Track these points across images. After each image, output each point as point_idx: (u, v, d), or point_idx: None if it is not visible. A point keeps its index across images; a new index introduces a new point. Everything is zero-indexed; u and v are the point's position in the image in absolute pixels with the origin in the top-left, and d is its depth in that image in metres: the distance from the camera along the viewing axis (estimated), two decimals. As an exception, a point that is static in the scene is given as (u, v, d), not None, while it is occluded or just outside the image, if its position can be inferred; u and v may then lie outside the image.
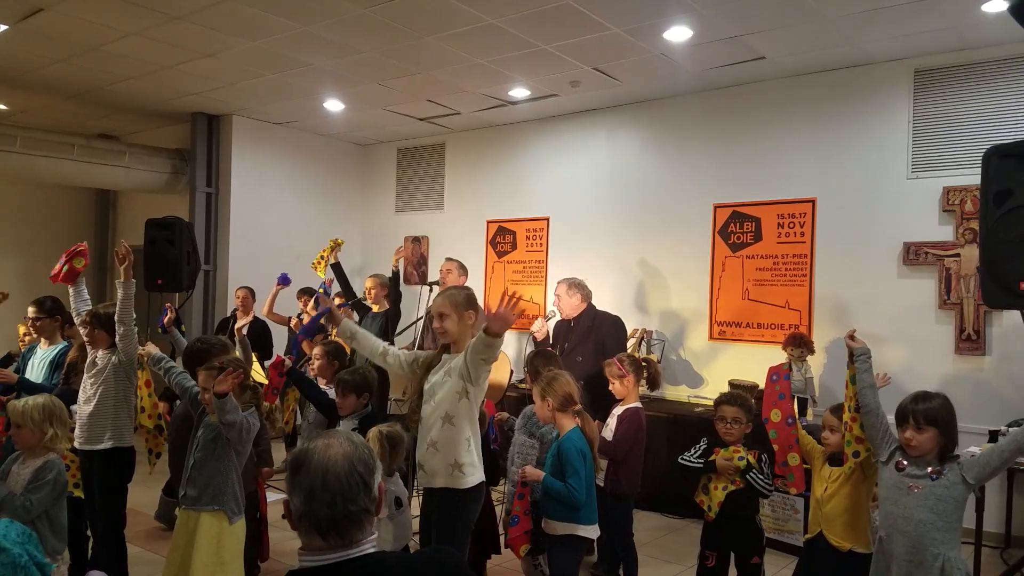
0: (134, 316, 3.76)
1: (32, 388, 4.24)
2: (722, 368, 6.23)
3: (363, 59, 5.83)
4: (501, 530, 3.83)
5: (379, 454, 2.99)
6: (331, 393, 4.02)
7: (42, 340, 4.65)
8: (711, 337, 6.38)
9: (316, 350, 4.50)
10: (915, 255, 5.37)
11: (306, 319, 6.56)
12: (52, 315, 4.67)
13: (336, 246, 6.43)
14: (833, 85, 5.79)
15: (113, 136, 9.03)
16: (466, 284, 5.95)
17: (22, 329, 5.26)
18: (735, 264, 6.28)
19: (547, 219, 7.50)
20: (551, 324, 5.37)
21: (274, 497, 4.83)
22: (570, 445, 3.21)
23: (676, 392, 6.46)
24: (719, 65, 5.72)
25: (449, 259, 6.03)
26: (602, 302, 5.63)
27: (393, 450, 3.19)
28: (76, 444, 3.67)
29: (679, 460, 3.49)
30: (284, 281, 6.91)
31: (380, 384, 5.10)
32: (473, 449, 2.99)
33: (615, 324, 5.24)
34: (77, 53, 5.93)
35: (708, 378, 6.37)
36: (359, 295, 6.39)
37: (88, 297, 4.15)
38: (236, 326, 5.17)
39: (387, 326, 5.74)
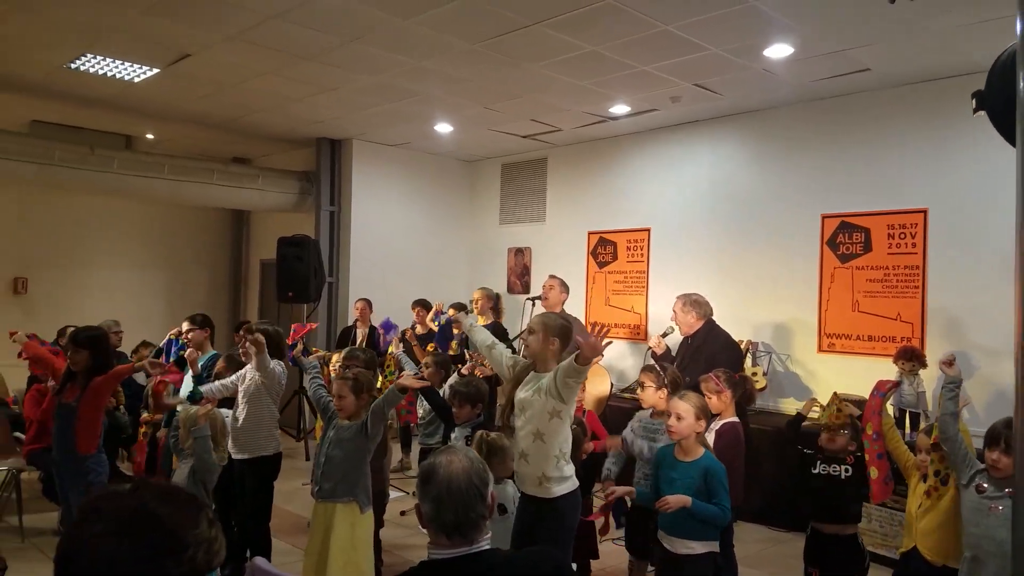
0: (269, 362, 4.00)
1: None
2: (831, 381, 6.13)
3: (471, 87, 6.19)
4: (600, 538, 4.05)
5: None
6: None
7: (195, 350, 5.25)
8: (820, 349, 6.32)
9: (426, 359, 4.90)
10: (1035, 267, 5.15)
11: (419, 330, 6.98)
12: (203, 328, 5.29)
13: (438, 312, 6.54)
14: (943, 93, 5.63)
15: (246, 160, 9.87)
16: (567, 299, 6.16)
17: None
18: (844, 275, 6.20)
19: (648, 230, 7.61)
20: (668, 340, 5.38)
21: (394, 495, 5.23)
22: (718, 467, 3.26)
23: (783, 405, 6.43)
24: (823, 78, 5.69)
25: (552, 276, 6.22)
26: (705, 313, 5.68)
27: (491, 457, 3.32)
28: (231, 453, 4.10)
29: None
30: (388, 329, 7.02)
31: (492, 394, 5.42)
32: (563, 463, 3.14)
33: (726, 345, 5.15)
34: (217, 90, 6.60)
35: (817, 391, 6.28)
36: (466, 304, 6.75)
37: (316, 365, 4.30)
38: (392, 347, 5.51)
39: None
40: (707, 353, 5.03)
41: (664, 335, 5.41)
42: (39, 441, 5.07)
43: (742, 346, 6.30)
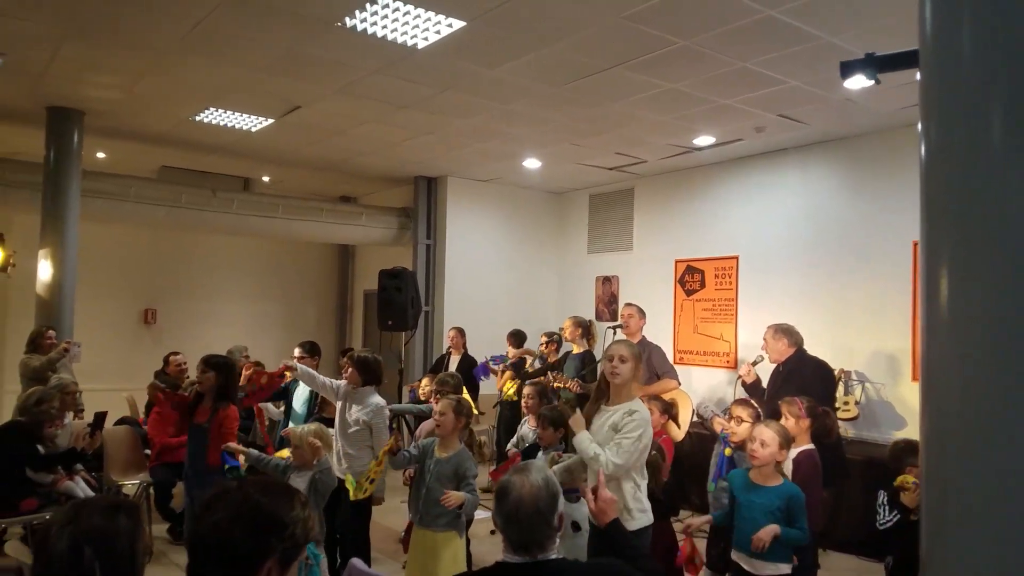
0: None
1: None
2: (927, 410, 6.00)
3: (557, 126, 6.50)
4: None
5: None
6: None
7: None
8: (915, 378, 6.18)
9: (526, 390, 5.14)
10: None
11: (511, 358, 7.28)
12: (312, 355, 5.74)
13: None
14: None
15: (351, 198, 10.55)
16: (644, 324, 6.26)
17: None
18: (940, 302, 6.04)
19: (736, 257, 7.64)
20: (758, 369, 5.34)
21: (482, 515, 5.47)
22: (800, 494, 3.38)
23: (877, 435, 6.30)
24: (908, 106, 5.65)
25: (629, 304, 6.34)
26: (794, 340, 5.65)
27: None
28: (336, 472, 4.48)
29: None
30: (484, 372, 7.30)
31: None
32: (641, 495, 3.27)
33: (817, 369, 5.10)
34: (325, 138, 7.19)
35: (912, 421, 6.15)
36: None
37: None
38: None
39: (583, 366, 6.24)
40: (799, 379, 5.00)
41: (755, 363, 5.41)
42: (158, 459, 5.65)
43: (835, 374, 6.20)
